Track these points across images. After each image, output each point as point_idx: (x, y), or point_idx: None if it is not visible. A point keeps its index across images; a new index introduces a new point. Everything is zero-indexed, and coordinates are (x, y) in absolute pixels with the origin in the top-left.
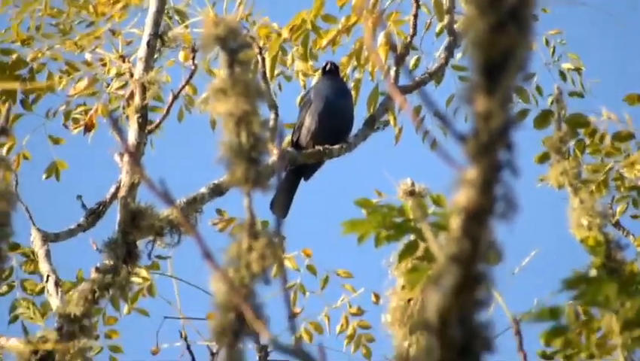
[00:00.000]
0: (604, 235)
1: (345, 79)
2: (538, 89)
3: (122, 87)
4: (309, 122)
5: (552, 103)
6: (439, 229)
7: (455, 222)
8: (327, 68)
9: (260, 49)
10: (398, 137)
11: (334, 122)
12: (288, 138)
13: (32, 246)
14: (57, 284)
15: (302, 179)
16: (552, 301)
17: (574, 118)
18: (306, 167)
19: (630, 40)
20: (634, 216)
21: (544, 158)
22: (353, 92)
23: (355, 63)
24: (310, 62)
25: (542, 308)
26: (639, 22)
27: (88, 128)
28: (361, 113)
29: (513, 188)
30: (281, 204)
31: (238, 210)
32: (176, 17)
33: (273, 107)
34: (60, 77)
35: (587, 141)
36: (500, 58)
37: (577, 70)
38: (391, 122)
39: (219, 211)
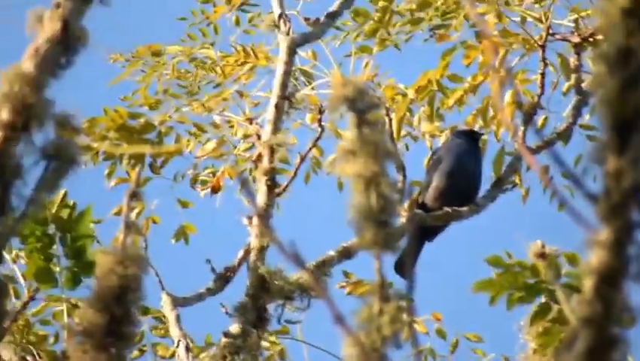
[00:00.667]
0: None
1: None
2: None
3: (249, 149)
4: (438, 181)
5: None
6: (572, 290)
7: (588, 284)
8: (474, 135)
9: (387, 109)
10: (525, 197)
11: (464, 183)
12: (414, 198)
13: (162, 310)
14: (188, 349)
15: (426, 240)
16: None
17: None
18: (432, 228)
19: None
20: None
21: None
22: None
23: (481, 122)
24: (437, 123)
25: None
26: None
27: (215, 189)
28: (486, 173)
29: None
30: (407, 266)
31: (365, 272)
32: (302, 78)
33: (401, 168)
34: (188, 140)
35: None
36: (630, 116)
37: None
38: (518, 182)
39: (346, 274)
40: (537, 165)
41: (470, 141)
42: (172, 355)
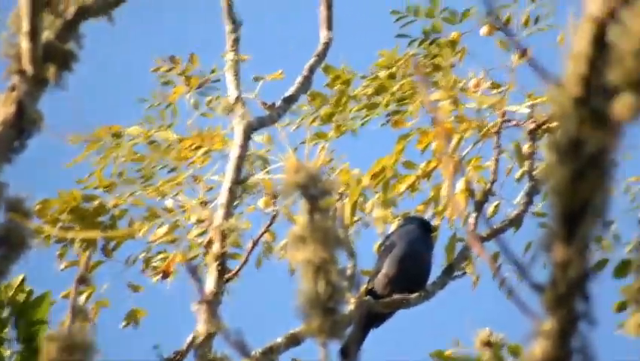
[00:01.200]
0: None
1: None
2: (616, 236)
3: (202, 234)
4: (388, 268)
5: (630, 251)
6: None
7: None
8: (427, 225)
9: (340, 195)
10: (475, 283)
11: (414, 270)
12: (363, 286)
13: None
14: None
15: (373, 326)
16: None
17: None
18: (379, 314)
19: None
20: None
21: (621, 307)
22: None
23: (434, 210)
24: (389, 209)
25: None
26: None
27: (165, 275)
28: (438, 260)
29: (590, 339)
30: (351, 352)
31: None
32: (257, 163)
33: (351, 254)
34: (141, 224)
35: None
36: (579, 206)
37: None
38: (469, 270)
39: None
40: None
41: (421, 228)
42: None
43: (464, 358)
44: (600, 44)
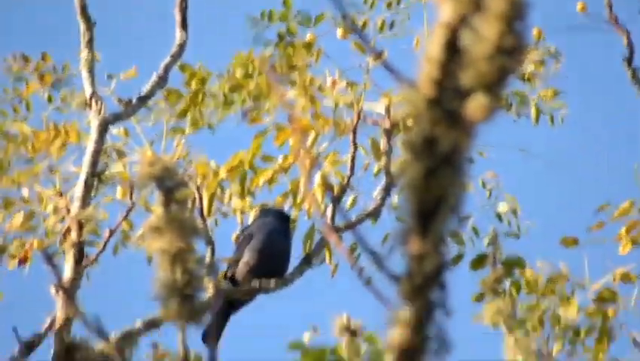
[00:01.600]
0: None
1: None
2: (475, 229)
3: (60, 222)
4: (249, 257)
5: (488, 244)
6: None
7: None
8: (269, 213)
9: (198, 187)
10: (334, 272)
11: (273, 259)
12: (222, 273)
13: None
14: None
15: (233, 311)
16: None
17: (510, 260)
18: (239, 300)
19: (567, 183)
20: (569, 354)
21: (480, 297)
22: None
23: (292, 202)
24: (248, 200)
25: None
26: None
27: (22, 261)
28: (297, 251)
29: (446, 327)
30: (213, 336)
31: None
32: (114, 155)
33: (210, 243)
34: None
35: (523, 282)
36: (433, 202)
37: (514, 212)
38: (327, 258)
39: (154, 345)
40: (342, 245)
41: (279, 219)
42: None
43: (321, 347)
44: (452, 48)
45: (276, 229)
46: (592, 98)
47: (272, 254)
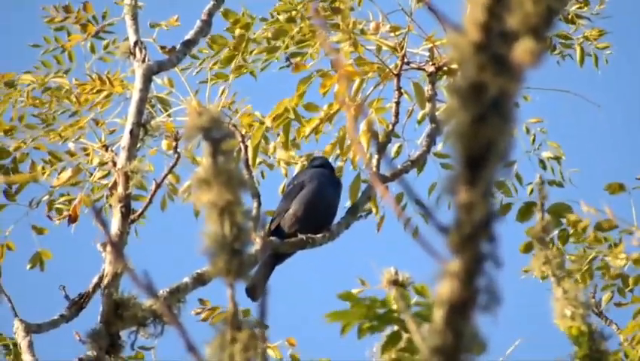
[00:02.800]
0: (587, 325)
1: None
2: (518, 177)
3: (105, 176)
4: (297, 208)
5: (532, 192)
6: (422, 320)
7: (438, 314)
8: (319, 162)
9: (243, 137)
10: (380, 225)
11: (321, 211)
12: (268, 225)
13: (14, 337)
14: None
15: (277, 263)
16: None
17: (556, 207)
18: (284, 253)
19: (611, 129)
20: (618, 304)
21: (528, 248)
22: None
23: (338, 151)
24: (292, 151)
25: None
26: (620, 111)
27: (72, 219)
28: (343, 201)
29: (496, 280)
30: (259, 292)
31: (221, 299)
32: (159, 106)
33: (256, 195)
34: (43, 168)
35: (570, 231)
36: (482, 149)
37: (557, 159)
38: (374, 210)
39: (201, 301)
40: (388, 194)
41: (328, 169)
42: None
43: (371, 298)
44: None
45: (326, 179)
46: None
47: (321, 206)
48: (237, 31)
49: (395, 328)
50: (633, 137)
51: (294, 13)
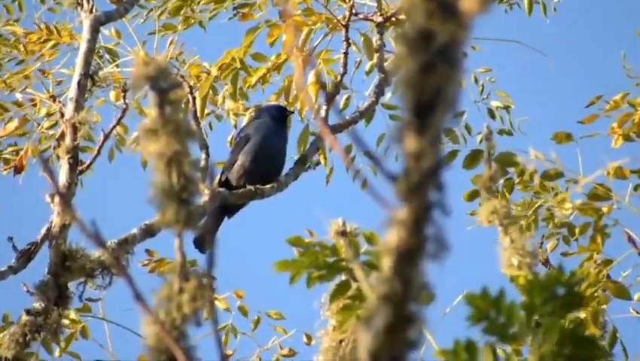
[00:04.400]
0: (534, 274)
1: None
2: (467, 127)
3: (52, 127)
4: (244, 160)
5: (481, 141)
6: (371, 268)
7: (386, 262)
8: (285, 112)
9: (191, 88)
10: (329, 177)
11: (269, 163)
12: (217, 178)
13: None
14: None
15: (226, 216)
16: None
17: (503, 157)
18: (233, 205)
19: (560, 77)
20: (564, 254)
21: (473, 196)
22: None
23: (284, 102)
24: (241, 101)
25: (458, 349)
26: (568, 60)
27: (18, 169)
28: (290, 153)
29: (444, 228)
30: (207, 243)
31: (170, 250)
32: (107, 56)
33: (204, 147)
34: None
35: (516, 180)
36: (430, 97)
37: (506, 108)
38: (322, 161)
39: (149, 252)
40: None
41: (277, 119)
42: None
43: (321, 244)
44: None
45: (272, 130)
46: None
47: (268, 157)
48: None
49: (344, 277)
50: (581, 86)
51: None
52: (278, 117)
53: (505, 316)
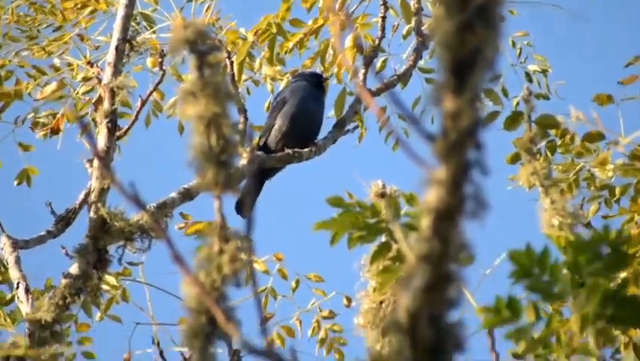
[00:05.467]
0: (575, 235)
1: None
2: (504, 90)
3: (89, 92)
4: (281, 123)
5: (517, 104)
6: (411, 229)
7: (425, 222)
8: (320, 79)
9: (229, 53)
10: (361, 137)
11: (306, 125)
12: (255, 140)
13: (1, 253)
14: (28, 291)
15: (266, 179)
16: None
17: (544, 119)
18: (271, 168)
19: (598, 41)
20: (605, 217)
21: (515, 159)
22: None
23: (321, 66)
24: (278, 66)
25: (500, 306)
26: (606, 24)
27: (54, 131)
28: (327, 114)
29: (483, 187)
30: (247, 205)
31: (208, 214)
32: (144, 23)
33: (242, 110)
34: (28, 83)
35: (558, 142)
36: (468, 57)
37: (544, 72)
38: (359, 124)
39: (184, 215)
40: (375, 105)
41: (313, 84)
42: (12, 300)
43: (361, 204)
44: None
45: (309, 93)
46: None
47: (305, 120)
48: None
49: (384, 238)
50: (620, 49)
51: None
52: (315, 82)
53: (549, 274)
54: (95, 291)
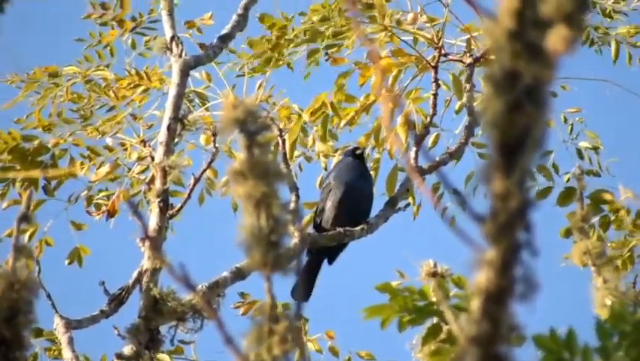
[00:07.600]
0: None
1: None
2: (555, 166)
3: (143, 171)
4: (330, 207)
5: (568, 180)
6: (460, 310)
7: (475, 304)
8: (356, 152)
9: (281, 130)
10: (416, 214)
11: (354, 206)
12: (309, 220)
13: (54, 333)
14: None
15: (325, 262)
16: None
17: (597, 195)
18: (328, 250)
19: None
20: None
21: (568, 233)
22: (372, 172)
23: (374, 142)
24: (330, 142)
25: None
26: None
27: (110, 214)
28: (379, 191)
29: (533, 268)
30: (303, 289)
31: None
32: (197, 100)
33: (294, 188)
34: (82, 163)
35: (612, 217)
36: (517, 137)
37: (595, 149)
38: (411, 201)
39: (242, 294)
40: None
41: (358, 160)
42: None
43: (409, 289)
44: None
45: (355, 172)
46: None
47: (354, 203)
48: (274, 34)
49: (435, 320)
50: None
51: (326, 12)
52: (355, 155)
53: (581, 358)
54: None
